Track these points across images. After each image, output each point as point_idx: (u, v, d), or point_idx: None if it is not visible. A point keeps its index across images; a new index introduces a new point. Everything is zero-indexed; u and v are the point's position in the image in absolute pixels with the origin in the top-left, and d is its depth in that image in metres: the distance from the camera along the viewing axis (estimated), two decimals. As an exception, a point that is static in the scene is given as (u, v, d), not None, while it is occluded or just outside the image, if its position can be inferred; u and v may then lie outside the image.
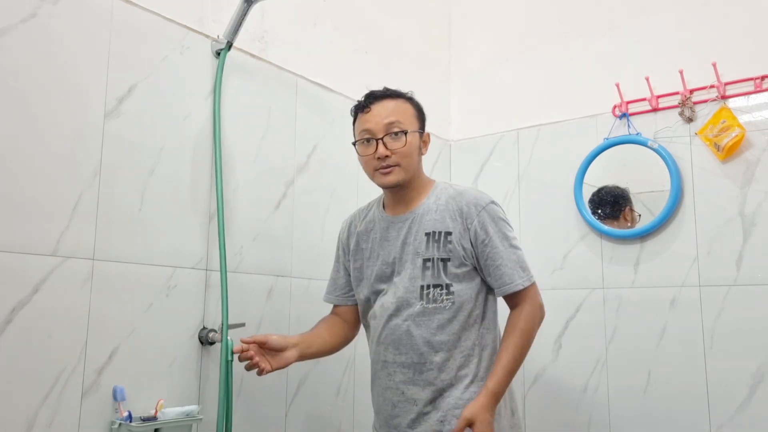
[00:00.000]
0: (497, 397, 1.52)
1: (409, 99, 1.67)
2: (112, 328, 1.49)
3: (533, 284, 1.60)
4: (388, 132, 1.58)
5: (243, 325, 1.72)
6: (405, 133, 1.59)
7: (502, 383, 1.53)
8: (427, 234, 1.60)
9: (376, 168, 1.60)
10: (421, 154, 1.67)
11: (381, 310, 1.63)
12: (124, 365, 1.50)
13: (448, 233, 1.58)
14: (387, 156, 1.58)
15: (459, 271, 1.58)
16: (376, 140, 1.59)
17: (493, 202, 1.62)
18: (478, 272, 1.61)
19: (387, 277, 1.64)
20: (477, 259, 1.59)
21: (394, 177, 1.60)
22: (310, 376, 1.96)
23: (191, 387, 1.64)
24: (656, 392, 2.11)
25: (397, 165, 1.59)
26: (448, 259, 1.58)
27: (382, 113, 1.60)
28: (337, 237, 1.80)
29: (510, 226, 1.63)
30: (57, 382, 1.38)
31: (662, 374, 2.11)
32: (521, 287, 1.57)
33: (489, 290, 1.63)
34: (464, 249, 1.58)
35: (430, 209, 1.62)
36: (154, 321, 1.57)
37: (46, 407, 1.36)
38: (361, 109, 1.63)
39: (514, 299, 1.60)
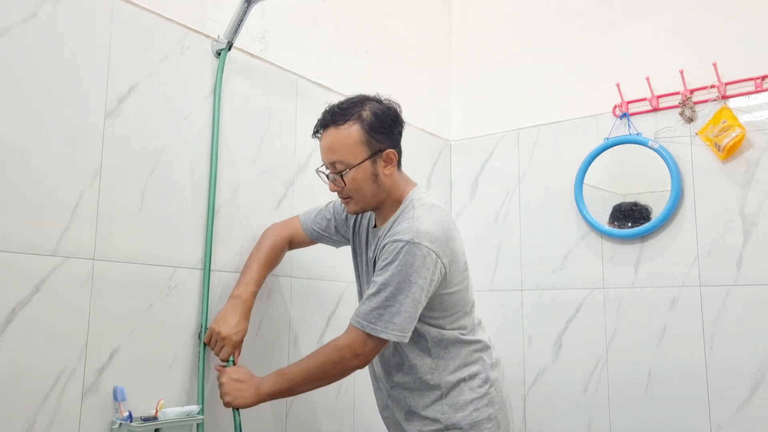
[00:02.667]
0: (262, 392, 1.53)
1: (361, 117, 1.53)
2: (112, 328, 1.49)
3: (364, 333, 1.46)
4: (333, 170, 1.56)
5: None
6: (343, 174, 1.52)
7: (277, 384, 1.53)
8: (374, 259, 1.59)
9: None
10: (383, 175, 1.56)
11: None
12: (124, 365, 1.50)
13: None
14: (338, 190, 1.57)
15: None
16: (327, 174, 1.59)
17: (410, 242, 1.44)
18: None
19: (362, 286, 1.70)
20: None
21: (351, 208, 1.60)
22: (310, 376, 1.95)
23: (191, 387, 1.64)
24: (656, 392, 2.11)
25: (350, 197, 1.57)
26: None
27: (327, 148, 1.56)
28: (333, 205, 1.80)
29: (416, 273, 1.44)
30: (57, 382, 1.38)
31: (662, 374, 2.11)
32: (357, 325, 1.48)
33: (432, 319, 1.55)
34: None
35: (384, 233, 1.57)
36: (154, 321, 1.57)
37: (46, 407, 1.36)
38: (315, 135, 1.62)
39: (347, 327, 1.52)
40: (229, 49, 1.76)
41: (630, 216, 2.24)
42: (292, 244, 1.82)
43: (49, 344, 1.37)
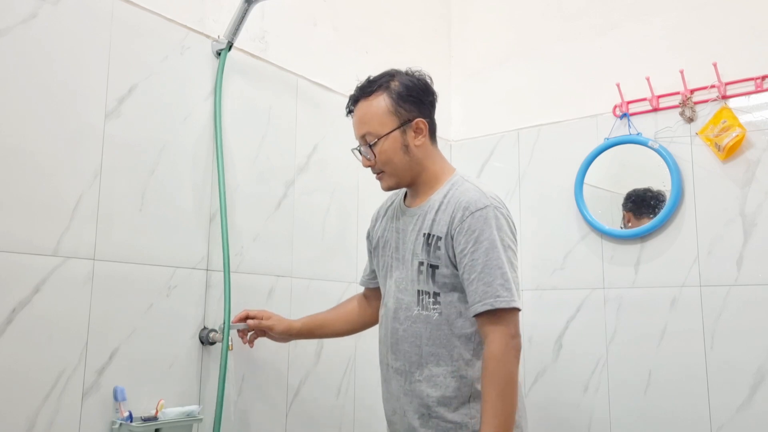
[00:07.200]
0: None
1: (389, 87, 1.51)
2: (112, 328, 1.49)
3: (507, 310, 1.40)
4: (364, 143, 1.53)
5: (246, 326, 1.71)
6: (373, 145, 1.50)
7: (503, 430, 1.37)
8: (425, 235, 1.50)
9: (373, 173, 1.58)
10: (414, 146, 1.52)
11: (385, 310, 1.58)
12: (124, 365, 1.50)
13: (439, 238, 1.47)
14: (371, 165, 1.54)
15: (447, 280, 1.47)
16: (360, 150, 1.56)
17: (488, 207, 1.44)
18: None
19: (391, 274, 1.58)
20: (459, 270, 1.45)
21: (384, 183, 1.56)
22: (310, 376, 1.95)
23: (192, 387, 1.64)
24: (656, 392, 2.11)
25: (382, 171, 1.54)
26: (437, 267, 1.47)
27: (357, 122, 1.54)
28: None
29: (506, 236, 1.45)
30: (57, 382, 1.38)
31: (663, 374, 2.11)
32: (489, 307, 1.39)
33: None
34: (449, 258, 1.46)
35: (434, 207, 1.51)
36: (154, 321, 1.57)
37: (46, 408, 1.36)
38: (348, 113, 1.60)
39: (481, 325, 1.43)
40: (230, 49, 1.77)
41: (643, 202, 2.21)
42: (369, 299, 1.78)
43: (49, 344, 1.37)
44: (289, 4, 2.02)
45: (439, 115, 2.66)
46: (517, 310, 1.42)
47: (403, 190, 1.64)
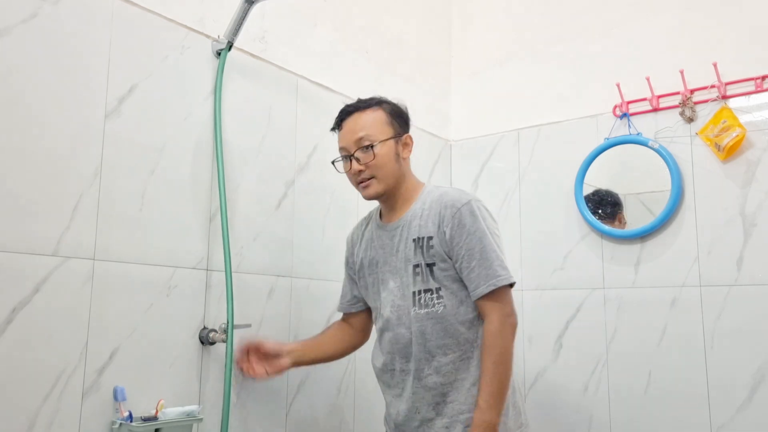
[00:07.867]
0: (491, 427, 1.49)
1: (382, 105, 1.66)
2: (112, 328, 1.49)
3: (502, 288, 1.55)
4: (359, 147, 1.61)
5: (249, 326, 1.72)
6: (373, 146, 1.60)
7: (492, 411, 1.49)
8: (414, 240, 1.61)
9: (357, 182, 1.65)
10: (402, 158, 1.65)
11: (383, 321, 1.66)
12: (124, 365, 1.50)
13: (430, 237, 1.58)
14: (361, 170, 1.62)
15: (446, 273, 1.58)
16: (350, 157, 1.63)
17: (471, 201, 1.59)
18: None
19: (385, 286, 1.67)
20: (454, 261, 1.57)
21: (372, 189, 1.64)
22: (310, 376, 1.95)
23: (192, 387, 1.64)
24: (656, 392, 2.11)
25: (373, 177, 1.62)
26: (434, 264, 1.58)
27: (353, 129, 1.63)
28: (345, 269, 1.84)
29: (491, 224, 1.60)
30: (57, 382, 1.38)
31: (663, 374, 2.11)
32: (492, 287, 1.53)
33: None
34: (444, 252, 1.57)
35: (417, 215, 1.63)
36: (154, 321, 1.57)
37: (46, 407, 1.36)
38: (336, 127, 1.69)
39: (481, 304, 1.56)
40: (230, 49, 1.77)
41: (606, 202, 2.27)
42: (349, 322, 1.83)
43: (49, 344, 1.37)
44: (289, 4, 2.02)
45: (439, 115, 2.69)
46: (512, 285, 1.57)
47: (376, 212, 1.75)
